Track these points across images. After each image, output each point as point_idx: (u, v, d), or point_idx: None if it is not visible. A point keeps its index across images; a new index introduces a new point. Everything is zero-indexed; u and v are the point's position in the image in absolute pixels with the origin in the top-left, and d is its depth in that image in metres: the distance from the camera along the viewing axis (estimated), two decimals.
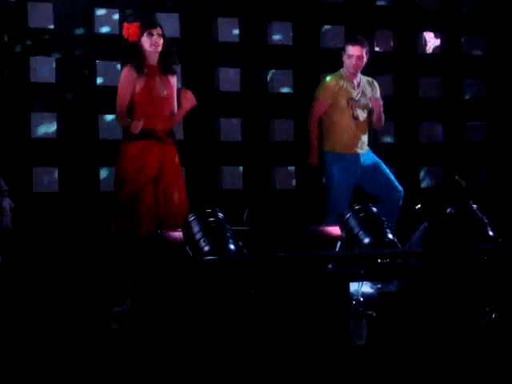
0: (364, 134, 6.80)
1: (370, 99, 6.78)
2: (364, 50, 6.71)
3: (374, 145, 7.17)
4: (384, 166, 6.83)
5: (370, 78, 6.93)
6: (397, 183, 6.78)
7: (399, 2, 8.26)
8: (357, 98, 6.76)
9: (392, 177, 6.81)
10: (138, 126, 5.90)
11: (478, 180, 7.72)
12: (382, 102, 6.83)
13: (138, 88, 6.05)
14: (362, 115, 6.78)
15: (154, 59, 6.10)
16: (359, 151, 6.75)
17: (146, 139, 6.01)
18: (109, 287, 5.78)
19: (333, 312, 4.96)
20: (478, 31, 8.46)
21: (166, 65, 6.14)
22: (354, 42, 6.72)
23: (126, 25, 6.19)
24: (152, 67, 6.11)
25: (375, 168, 6.76)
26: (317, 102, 6.76)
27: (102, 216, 6.53)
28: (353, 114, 6.73)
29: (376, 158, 6.83)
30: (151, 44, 6.05)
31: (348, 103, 6.73)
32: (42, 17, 7.14)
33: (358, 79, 6.81)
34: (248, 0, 7.80)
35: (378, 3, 8.19)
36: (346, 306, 4.97)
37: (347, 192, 6.66)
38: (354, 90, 6.77)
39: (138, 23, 6.15)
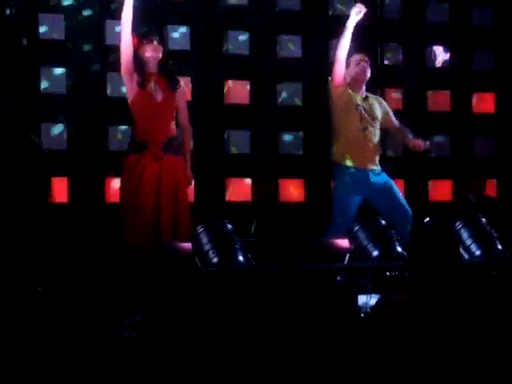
0: (374, 150, 6.64)
1: (381, 116, 6.73)
2: (368, 63, 6.71)
3: (381, 158, 7.12)
4: (396, 188, 6.65)
5: (376, 96, 6.89)
6: (407, 206, 6.57)
7: (408, 15, 8.28)
8: (365, 107, 6.70)
9: (403, 200, 6.61)
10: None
11: (488, 194, 7.72)
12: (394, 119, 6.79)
13: (135, 94, 6.05)
14: (372, 129, 6.67)
15: (153, 67, 6.08)
16: (369, 167, 6.62)
17: (142, 151, 5.99)
18: (119, 298, 5.78)
19: (341, 325, 4.95)
20: (487, 45, 8.47)
21: (164, 73, 6.12)
22: (359, 52, 6.73)
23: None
24: (151, 75, 6.09)
25: (386, 188, 6.56)
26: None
27: (111, 227, 6.54)
28: (361, 121, 6.63)
29: (388, 178, 6.64)
30: (151, 50, 6.06)
31: (357, 108, 6.64)
32: (53, 28, 7.19)
33: (364, 92, 6.77)
34: (259, 13, 7.83)
35: (387, 16, 8.22)
36: (355, 318, 4.96)
37: (351, 207, 6.54)
38: (362, 99, 6.72)
39: (135, 33, 6.15)
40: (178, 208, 6.01)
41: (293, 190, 7.94)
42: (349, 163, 6.57)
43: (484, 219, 6.04)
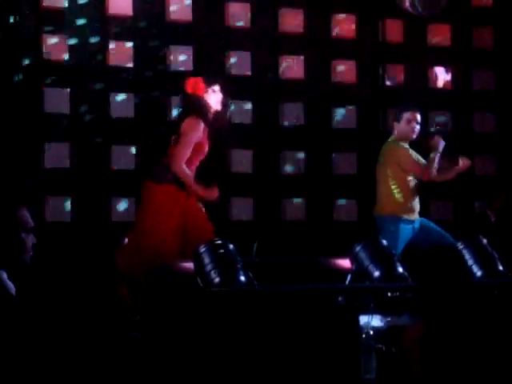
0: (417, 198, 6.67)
1: None
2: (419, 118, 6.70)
3: None
4: (432, 223, 6.66)
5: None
6: (450, 238, 6.49)
7: (411, 37, 8.33)
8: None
9: (443, 232, 6.57)
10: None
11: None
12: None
13: (201, 136, 6.10)
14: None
15: (212, 114, 6.13)
16: (416, 217, 6.60)
17: (180, 188, 6.03)
18: (114, 317, 5.78)
19: (342, 345, 4.96)
20: (488, 66, 8.52)
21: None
22: (412, 108, 6.71)
23: (191, 79, 6.17)
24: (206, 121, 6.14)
25: (424, 227, 6.58)
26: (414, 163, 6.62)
27: (108, 247, 6.55)
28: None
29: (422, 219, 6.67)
30: (217, 101, 6.09)
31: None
32: (56, 49, 7.23)
33: None
34: (261, 35, 7.88)
35: (389, 38, 8.26)
36: (356, 339, 4.97)
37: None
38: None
39: (202, 78, 6.16)
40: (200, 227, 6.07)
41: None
42: (410, 217, 6.55)
43: (485, 240, 6.07)
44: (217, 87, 6.12)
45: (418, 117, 6.68)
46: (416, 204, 6.59)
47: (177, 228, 5.94)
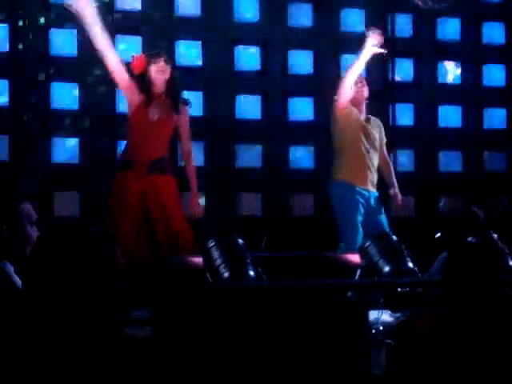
0: (374, 171, 6.71)
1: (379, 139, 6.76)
2: (364, 80, 6.68)
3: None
4: (384, 215, 6.70)
5: (376, 118, 6.86)
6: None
7: (420, 32, 8.29)
8: (368, 129, 6.70)
9: (386, 225, 6.67)
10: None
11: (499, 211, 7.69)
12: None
13: (133, 110, 6.01)
14: (373, 151, 6.71)
15: (160, 86, 6.03)
16: (369, 188, 6.65)
17: (125, 170, 5.97)
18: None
19: (352, 341, 4.94)
20: (498, 61, 8.47)
21: (169, 95, 6.06)
22: (360, 79, 6.67)
23: (133, 56, 6.15)
24: (157, 94, 6.04)
25: (376, 211, 6.65)
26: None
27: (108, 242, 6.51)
28: (366, 142, 6.67)
29: (380, 203, 6.71)
30: (157, 70, 6.00)
31: (362, 129, 6.66)
32: (65, 44, 7.23)
33: (364, 113, 6.77)
34: (270, 29, 7.86)
35: (398, 34, 8.23)
36: (366, 334, 4.94)
37: (358, 224, 6.56)
38: (365, 121, 6.74)
39: (144, 54, 6.16)
40: (171, 224, 5.93)
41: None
42: (352, 181, 6.59)
43: (495, 235, 6.03)
44: (162, 58, 6.03)
45: (363, 79, 6.66)
46: (367, 173, 6.63)
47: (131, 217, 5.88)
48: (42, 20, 7.19)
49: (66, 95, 7.26)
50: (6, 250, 3.11)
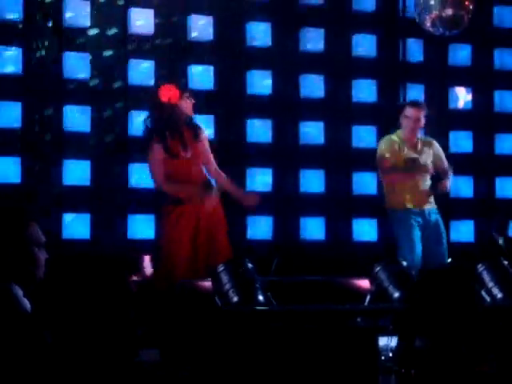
0: (426, 192, 6.75)
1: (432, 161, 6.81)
2: (423, 113, 6.74)
3: None
4: (444, 237, 6.76)
5: (427, 137, 6.95)
6: (446, 257, 6.69)
7: (431, 57, 8.31)
8: (413, 158, 6.76)
9: (445, 249, 6.72)
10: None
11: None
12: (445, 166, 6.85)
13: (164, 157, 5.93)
14: (421, 177, 6.75)
15: (183, 121, 5.97)
16: (424, 207, 6.72)
17: (179, 204, 5.92)
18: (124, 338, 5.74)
19: (361, 367, 4.91)
20: (509, 87, 8.48)
21: (193, 126, 6.03)
22: (414, 105, 6.77)
23: (164, 87, 6.02)
24: (181, 130, 5.98)
25: (437, 231, 6.73)
26: (382, 159, 6.74)
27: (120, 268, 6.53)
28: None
29: (440, 223, 6.77)
30: (187, 107, 5.95)
31: (406, 163, 6.73)
32: (77, 67, 7.28)
33: (415, 140, 6.81)
34: (281, 54, 7.88)
35: (410, 59, 8.24)
36: (375, 361, 4.92)
37: (417, 245, 6.62)
38: (411, 150, 6.77)
39: (175, 85, 6.04)
40: (215, 247, 5.95)
41: None
42: (407, 206, 6.67)
43: (506, 262, 6.00)
44: (188, 93, 6.00)
45: (418, 115, 6.69)
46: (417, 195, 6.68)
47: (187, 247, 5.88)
48: (56, 43, 7.25)
49: (78, 117, 7.30)
50: (14, 273, 3.12)
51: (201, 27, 7.63)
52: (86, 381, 2.26)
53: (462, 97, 8.36)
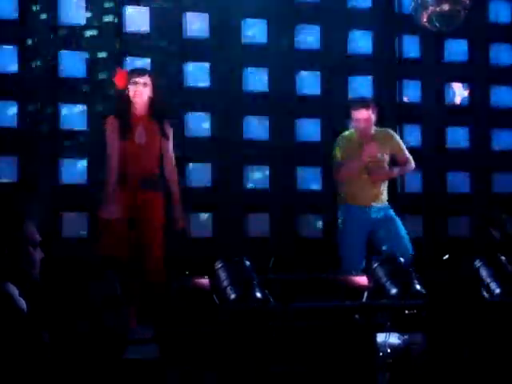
0: (378, 187, 6.74)
1: (386, 152, 6.77)
2: (369, 111, 6.68)
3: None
4: (399, 224, 6.72)
5: (384, 130, 6.87)
6: (409, 244, 6.66)
7: (428, 53, 8.31)
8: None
9: (405, 237, 6.69)
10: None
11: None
12: (405, 153, 6.81)
13: (119, 135, 5.88)
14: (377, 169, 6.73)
15: (140, 110, 5.91)
16: (371, 203, 6.69)
17: (120, 185, 5.88)
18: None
19: (359, 363, 4.92)
20: (506, 82, 8.48)
21: (154, 116, 5.94)
22: (357, 107, 6.70)
23: (116, 70, 6.09)
24: (137, 116, 5.93)
25: (388, 223, 6.68)
26: (334, 163, 6.75)
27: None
28: (366, 170, 6.71)
29: (391, 214, 6.73)
30: (134, 95, 5.88)
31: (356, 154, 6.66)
32: (74, 66, 7.27)
33: (370, 136, 6.76)
34: (277, 51, 7.89)
35: (407, 55, 8.24)
36: (373, 357, 4.93)
37: (357, 243, 6.60)
38: (367, 144, 6.74)
39: (126, 70, 6.06)
40: (145, 243, 5.90)
41: None
42: (349, 202, 6.64)
43: (503, 257, 6.00)
44: (141, 79, 5.88)
45: (366, 115, 6.64)
46: (364, 191, 6.66)
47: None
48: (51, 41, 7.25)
49: (74, 115, 7.29)
50: (9, 272, 3.12)
51: (197, 25, 7.64)
52: (84, 380, 2.26)
53: (459, 93, 8.36)
